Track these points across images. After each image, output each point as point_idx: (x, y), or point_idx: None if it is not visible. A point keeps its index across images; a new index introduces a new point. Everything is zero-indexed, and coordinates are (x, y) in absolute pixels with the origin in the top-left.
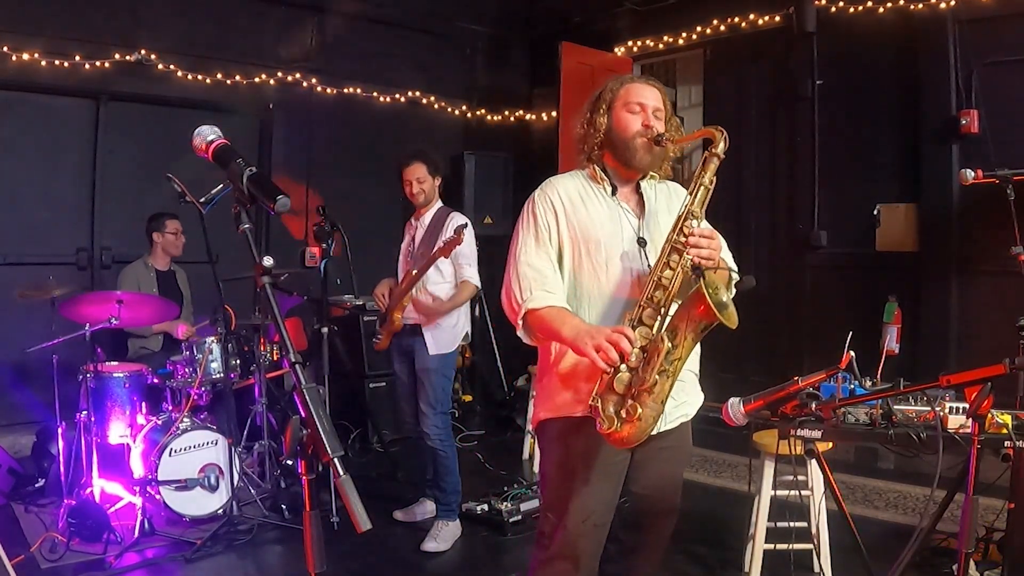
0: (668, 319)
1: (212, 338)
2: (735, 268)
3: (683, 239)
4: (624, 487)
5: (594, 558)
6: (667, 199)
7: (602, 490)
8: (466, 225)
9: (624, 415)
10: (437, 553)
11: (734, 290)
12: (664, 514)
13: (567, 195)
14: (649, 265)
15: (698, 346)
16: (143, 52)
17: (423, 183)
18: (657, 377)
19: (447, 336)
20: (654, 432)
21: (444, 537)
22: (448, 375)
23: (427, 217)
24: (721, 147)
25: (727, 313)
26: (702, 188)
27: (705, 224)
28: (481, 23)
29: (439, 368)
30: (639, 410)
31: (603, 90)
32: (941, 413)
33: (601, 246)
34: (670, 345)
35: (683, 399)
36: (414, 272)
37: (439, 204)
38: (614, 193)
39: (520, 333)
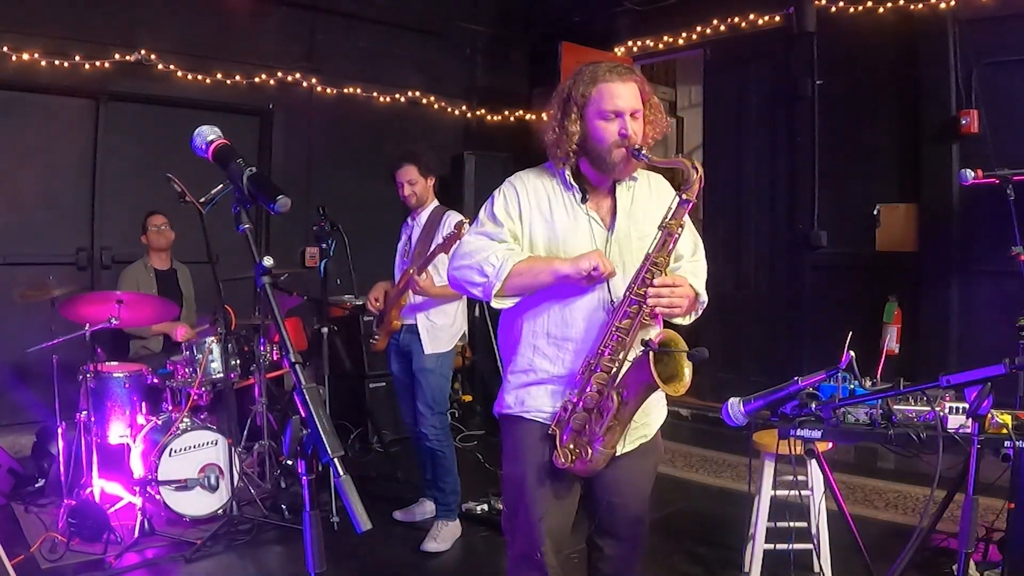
0: (625, 368)
1: (212, 338)
2: (703, 293)
3: (643, 291)
4: (591, 494)
5: (556, 555)
6: (645, 200)
7: (555, 491)
8: (464, 222)
9: (578, 452)
10: (437, 553)
11: (698, 313)
12: (632, 523)
13: (536, 197)
14: (609, 288)
15: None
16: (143, 52)
17: (415, 184)
18: (608, 429)
19: (444, 336)
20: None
21: (444, 537)
22: (445, 375)
23: (423, 216)
24: (695, 190)
25: (673, 384)
26: (669, 238)
27: (689, 233)
28: (481, 23)
29: (436, 368)
30: (590, 452)
31: (572, 89)
32: (941, 413)
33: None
34: (620, 400)
35: (643, 420)
36: (411, 271)
37: (434, 203)
38: (584, 200)
39: (495, 303)
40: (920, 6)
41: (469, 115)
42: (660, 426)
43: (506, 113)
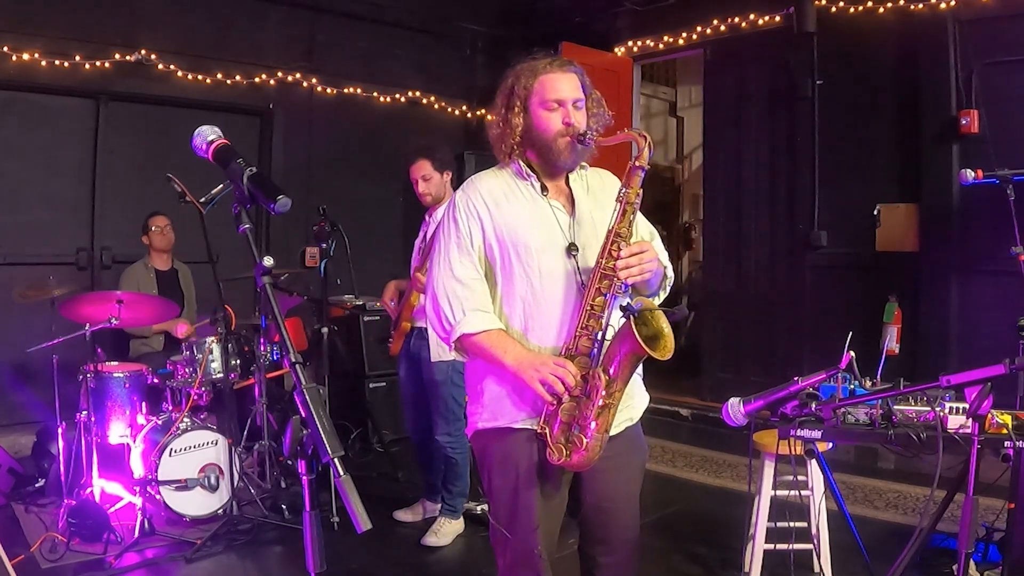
0: (605, 347)
1: (212, 338)
2: (669, 266)
3: (612, 264)
4: (577, 500)
5: (550, 559)
6: (600, 189)
7: (547, 499)
8: None
9: (572, 444)
10: (437, 550)
11: (667, 290)
12: (625, 528)
13: (491, 195)
14: (580, 271)
15: None
16: (143, 52)
17: (429, 181)
18: (599, 410)
19: None
20: None
21: (445, 532)
22: (458, 382)
23: (439, 213)
24: (645, 155)
25: (659, 346)
26: (628, 207)
27: (642, 222)
28: (481, 23)
29: (447, 378)
30: (585, 441)
31: (515, 84)
32: (941, 413)
33: (531, 250)
34: (607, 378)
35: (627, 403)
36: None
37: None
38: (544, 191)
39: (452, 354)
40: (920, 6)
41: (469, 115)
42: (641, 418)
43: None
